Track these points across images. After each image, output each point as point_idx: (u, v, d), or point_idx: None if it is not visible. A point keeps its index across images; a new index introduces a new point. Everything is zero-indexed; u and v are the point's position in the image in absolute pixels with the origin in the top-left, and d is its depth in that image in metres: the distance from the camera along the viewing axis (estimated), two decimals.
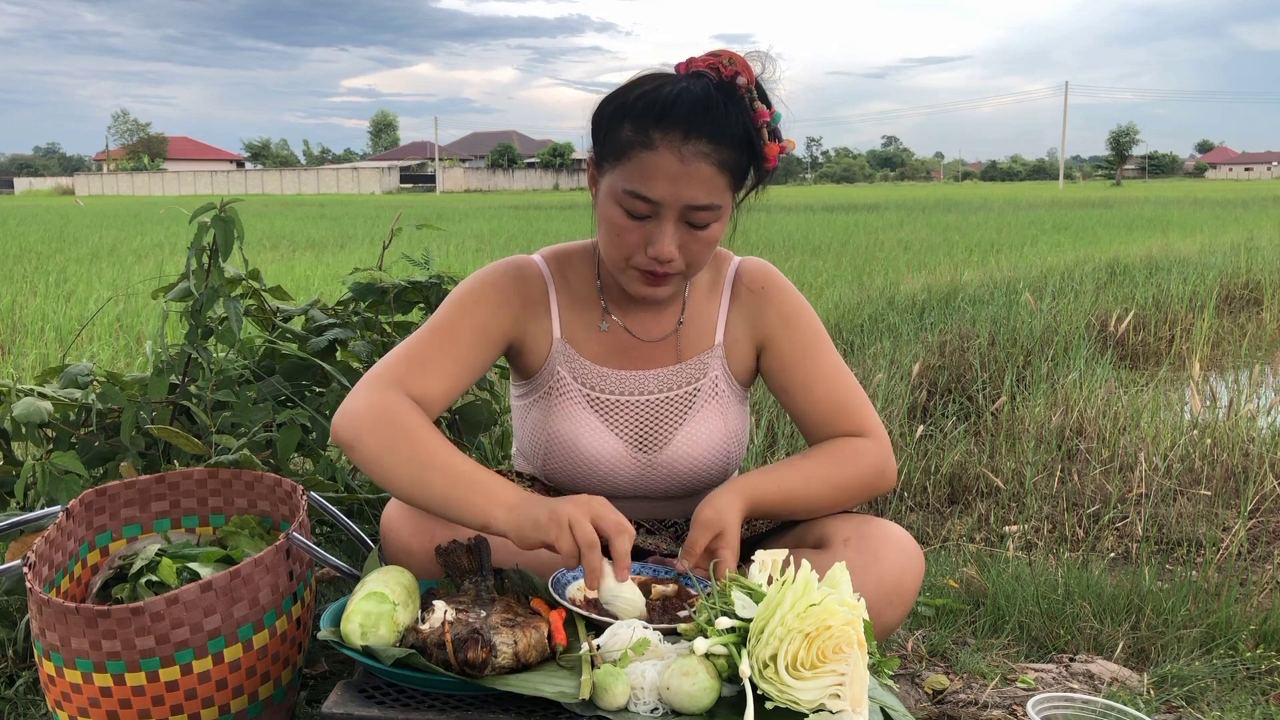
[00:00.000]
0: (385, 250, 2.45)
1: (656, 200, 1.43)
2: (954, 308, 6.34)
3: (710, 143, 1.42)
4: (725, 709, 1.15)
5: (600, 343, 1.62)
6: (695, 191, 1.43)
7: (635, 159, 1.44)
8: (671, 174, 1.42)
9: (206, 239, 1.96)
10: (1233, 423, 3.44)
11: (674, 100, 1.42)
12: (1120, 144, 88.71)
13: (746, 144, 1.45)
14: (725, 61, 1.45)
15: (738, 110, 1.44)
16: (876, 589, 1.44)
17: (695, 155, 1.42)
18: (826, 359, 1.62)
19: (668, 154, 1.42)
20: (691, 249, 1.48)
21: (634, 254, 1.48)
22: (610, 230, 1.49)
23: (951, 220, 17.88)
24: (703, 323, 1.65)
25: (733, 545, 1.41)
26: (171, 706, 1.31)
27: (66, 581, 1.51)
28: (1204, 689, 1.84)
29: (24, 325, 5.74)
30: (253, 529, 1.63)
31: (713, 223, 1.47)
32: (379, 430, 1.40)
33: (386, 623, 1.25)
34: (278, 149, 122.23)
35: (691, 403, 1.63)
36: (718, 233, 1.50)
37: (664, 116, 1.42)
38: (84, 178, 73.01)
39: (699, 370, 1.63)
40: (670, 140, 1.41)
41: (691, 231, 1.47)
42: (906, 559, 1.49)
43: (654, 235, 1.46)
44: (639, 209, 1.45)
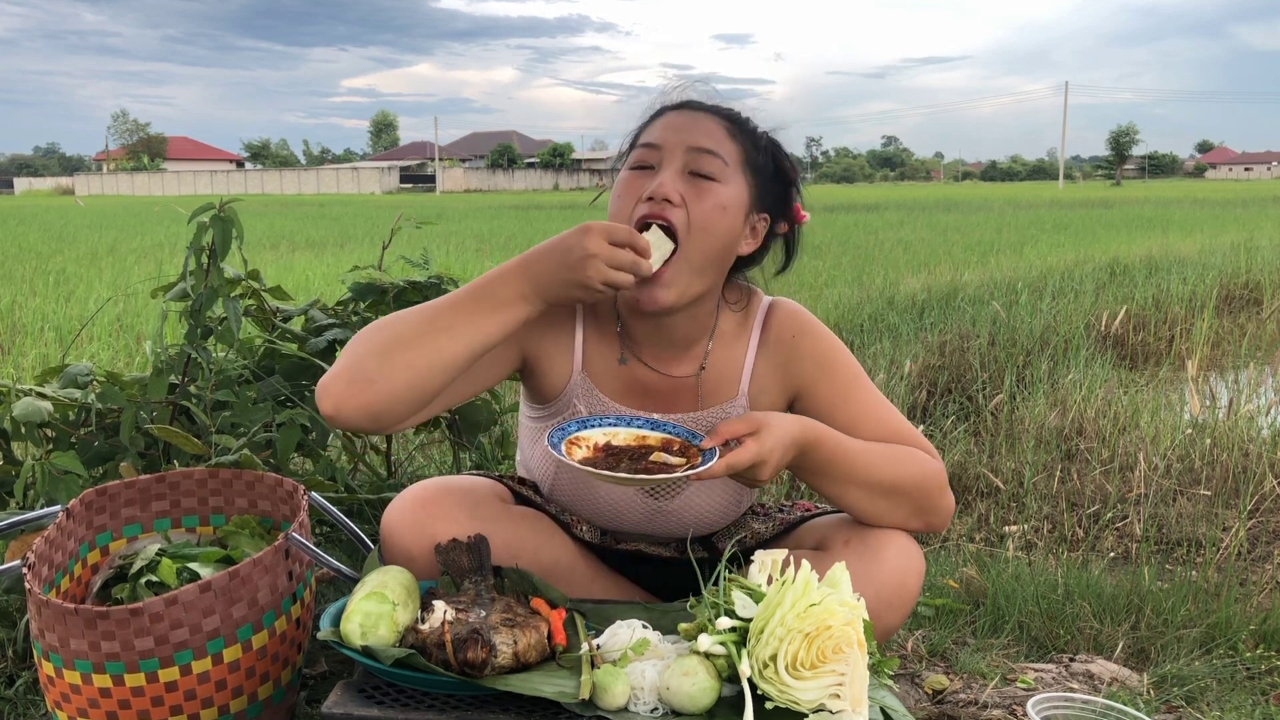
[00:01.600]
0: (385, 250, 2.44)
1: (658, 143, 1.44)
2: (954, 308, 6.34)
3: (719, 117, 1.47)
4: (725, 709, 1.15)
5: (619, 379, 1.57)
6: (698, 135, 1.43)
7: (645, 129, 1.50)
8: (676, 123, 1.46)
9: (205, 239, 1.96)
10: (1232, 423, 3.43)
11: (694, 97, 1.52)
12: (1120, 144, 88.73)
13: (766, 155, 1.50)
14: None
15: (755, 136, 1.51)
16: (877, 591, 1.42)
17: (703, 114, 1.47)
18: (869, 395, 1.55)
19: (673, 115, 1.48)
20: (693, 202, 1.40)
21: (635, 201, 1.42)
22: (617, 195, 1.46)
23: (951, 220, 17.88)
24: (727, 369, 1.57)
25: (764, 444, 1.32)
26: (171, 707, 1.31)
27: (67, 581, 1.51)
28: (1204, 689, 1.84)
29: (24, 325, 5.74)
30: (253, 529, 1.63)
31: (717, 179, 1.42)
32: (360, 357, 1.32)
33: (386, 623, 1.25)
34: (278, 149, 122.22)
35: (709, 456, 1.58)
36: (724, 197, 1.42)
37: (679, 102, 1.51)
38: (84, 178, 73.02)
39: (719, 420, 1.53)
40: (680, 109, 1.49)
41: (695, 183, 1.41)
42: (907, 561, 1.48)
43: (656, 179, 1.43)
44: (644, 158, 1.45)
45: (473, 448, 2.57)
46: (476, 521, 1.46)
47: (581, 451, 1.37)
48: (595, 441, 1.39)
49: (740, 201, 1.46)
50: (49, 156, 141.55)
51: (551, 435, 1.37)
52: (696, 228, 1.41)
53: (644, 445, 1.41)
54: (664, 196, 1.40)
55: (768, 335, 1.58)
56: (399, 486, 2.31)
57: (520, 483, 1.67)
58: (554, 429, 1.38)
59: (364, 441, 2.38)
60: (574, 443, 1.37)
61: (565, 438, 1.37)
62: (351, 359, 1.32)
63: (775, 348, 1.57)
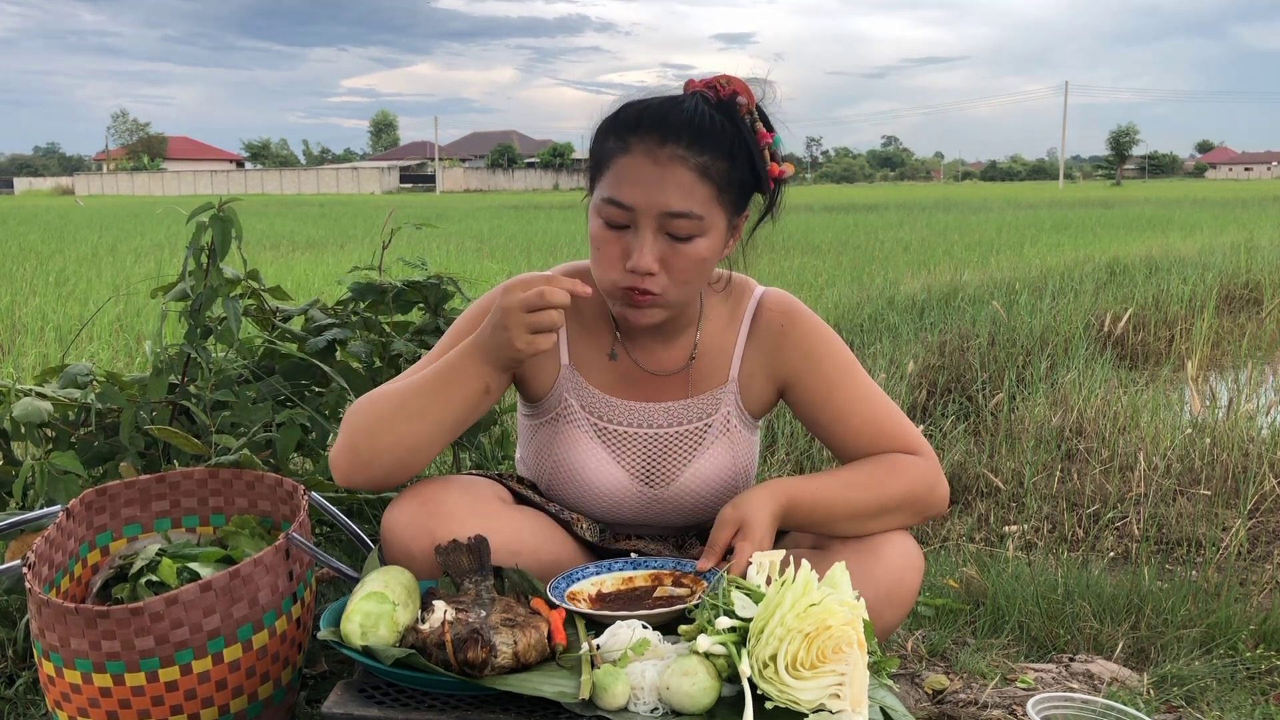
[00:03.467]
0: (385, 250, 2.44)
1: (630, 205, 1.38)
2: (954, 308, 6.34)
3: (689, 147, 1.37)
4: (725, 709, 1.15)
5: (610, 371, 1.58)
6: (670, 197, 1.37)
7: (613, 166, 1.41)
8: (645, 178, 1.37)
9: (205, 239, 1.96)
10: (1232, 422, 3.43)
11: (654, 107, 1.41)
12: (1120, 144, 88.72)
13: (741, 157, 1.41)
14: (723, 82, 1.43)
15: (732, 124, 1.41)
16: (876, 589, 1.42)
17: (672, 159, 1.37)
18: (859, 387, 1.55)
19: (642, 157, 1.38)
20: (674, 265, 1.41)
21: (614, 269, 1.42)
22: (594, 247, 1.45)
23: (951, 220, 17.88)
24: (718, 356, 1.58)
25: (755, 539, 1.37)
26: (171, 707, 1.31)
27: (67, 581, 1.51)
28: (1204, 689, 1.84)
29: (24, 325, 5.74)
30: (253, 529, 1.63)
31: (696, 236, 1.40)
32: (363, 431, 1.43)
33: (386, 623, 1.25)
34: (277, 149, 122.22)
35: (702, 439, 1.58)
36: (704, 250, 1.42)
37: (641, 122, 1.39)
38: (84, 178, 73.03)
39: (711, 406, 1.57)
40: (646, 144, 1.38)
41: (673, 245, 1.40)
42: (906, 559, 1.48)
43: (632, 247, 1.40)
44: (616, 217, 1.40)
45: (473, 448, 2.58)
46: (476, 519, 1.45)
47: (583, 604, 1.40)
48: (588, 594, 1.44)
49: (718, 236, 1.44)
50: (49, 156, 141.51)
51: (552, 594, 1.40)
52: (677, 284, 1.43)
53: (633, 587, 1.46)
54: (645, 270, 1.40)
55: (758, 324, 1.59)
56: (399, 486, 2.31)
57: (520, 482, 1.67)
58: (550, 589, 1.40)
59: None
60: (572, 598, 1.41)
61: (562, 594, 1.41)
62: (346, 439, 1.45)
63: (765, 336, 1.58)
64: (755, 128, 1.44)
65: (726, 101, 1.42)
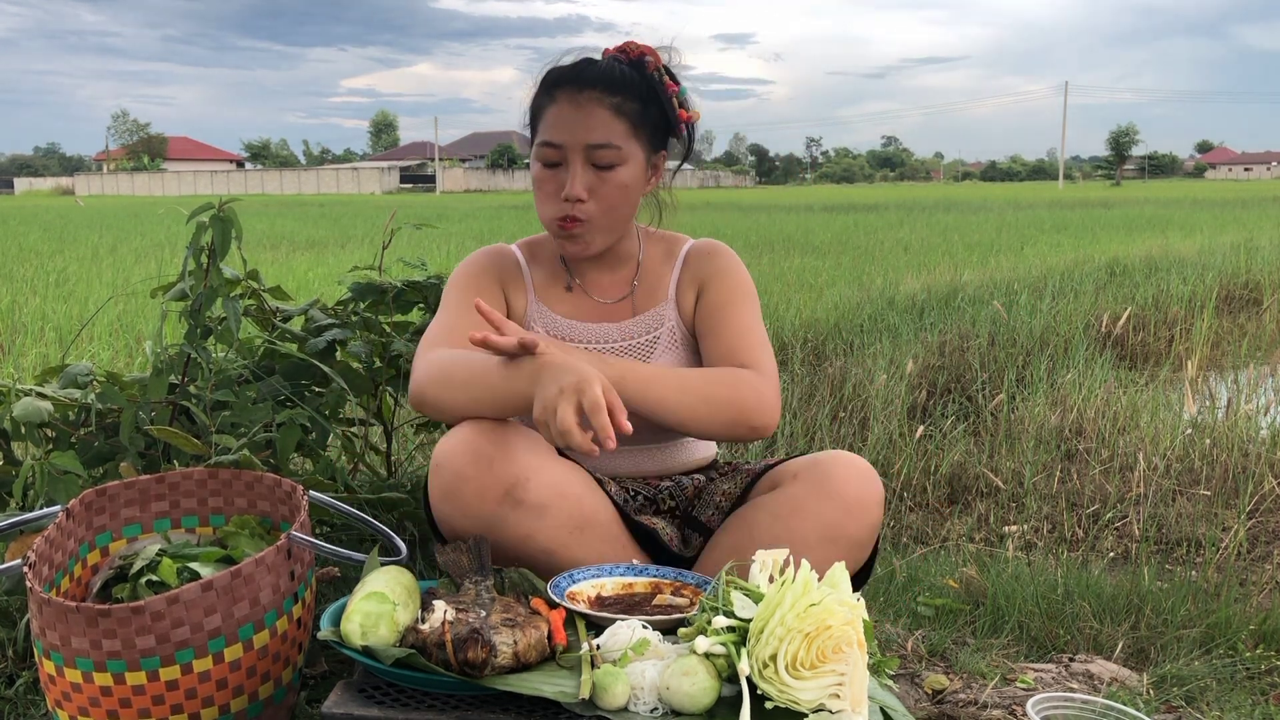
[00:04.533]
0: (385, 250, 2.44)
1: (559, 143, 1.64)
2: (953, 308, 6.34)
3: (604, 90, 1.64)
4: (725, 709, 1.15)
5: (568, 302, 1.81)
6: (592, 131, 1.63)
7: (543, 116, 1.67)
8: (569, 119, 1.64)
9: (205, 239, 1.96)
10: (1232, 423, 3.44)
11: (571, 64, 1.68)
12: (1120, 144, 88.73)
13: (649, 97, 1.67)
14: (632, 47, 1.71)
15: (641, 75, 1.68)
16: (835, 505, 1.51)
17: (590, 100, 1.63)
18: (744, 316, 1.75)
19: (565, 103, 1.65)
20: (600, 192, 1.65)
21: (551, 204, 1.67)
22: (536, 188, 1.70)
23: (951, 220, 17.88)
24: (656, 283, 1.82)
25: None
26: (172, 706, 1.31)
27: (67, 581, 1.51)
28: (1203, 689, 1.84)
29: (24, 325, 5.74)
30: (253, 529, 1.63)
31: (617, 165, 1.65)
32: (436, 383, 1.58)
33: (386, 622, 1.25)
34: (277, 149, 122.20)
35: (653, 348, 1.78)
36: (625, 177, 1.66)
37: (561, 76, 1.67)
38: (84, 178, 73.02)
39: (656, 321, 1.79)
40: (567, 92, 1.65)
41: (599, 174, 1.65)
42: (860, 476, 1.55)
43: (564, 180, 1.65)
44: (550, 156, 1.66)
45: None
46: (531, 455, 1.50)
47: (581, 604, 1.42)
48: (587, 595, 1.47)
49: (638, 167, 1.69)
50: (49, 156, 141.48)
51: (553, 593, 1.42)
52: (605, 210, 1.67)
53: (632, 592, 1.49)
54: (576, 197, 1.64)
55: (690, 256, 1.83)
56: (399, 486, 2.31)
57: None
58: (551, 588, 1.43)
59: (364, 441, 2.38)
60: (571, 598, 1.43)
61: (562, 594, 1.43)
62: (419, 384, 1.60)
63: (694, 262, 1.82)
64: (663, 80, 1.70)
65: (636, 60, 1.69)
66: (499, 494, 1.47)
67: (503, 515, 1.47)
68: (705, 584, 1.45)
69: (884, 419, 3.70)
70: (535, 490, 1.48)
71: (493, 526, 1.48)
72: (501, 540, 1.49)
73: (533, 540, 1.50)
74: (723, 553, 1.59)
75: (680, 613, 1.37)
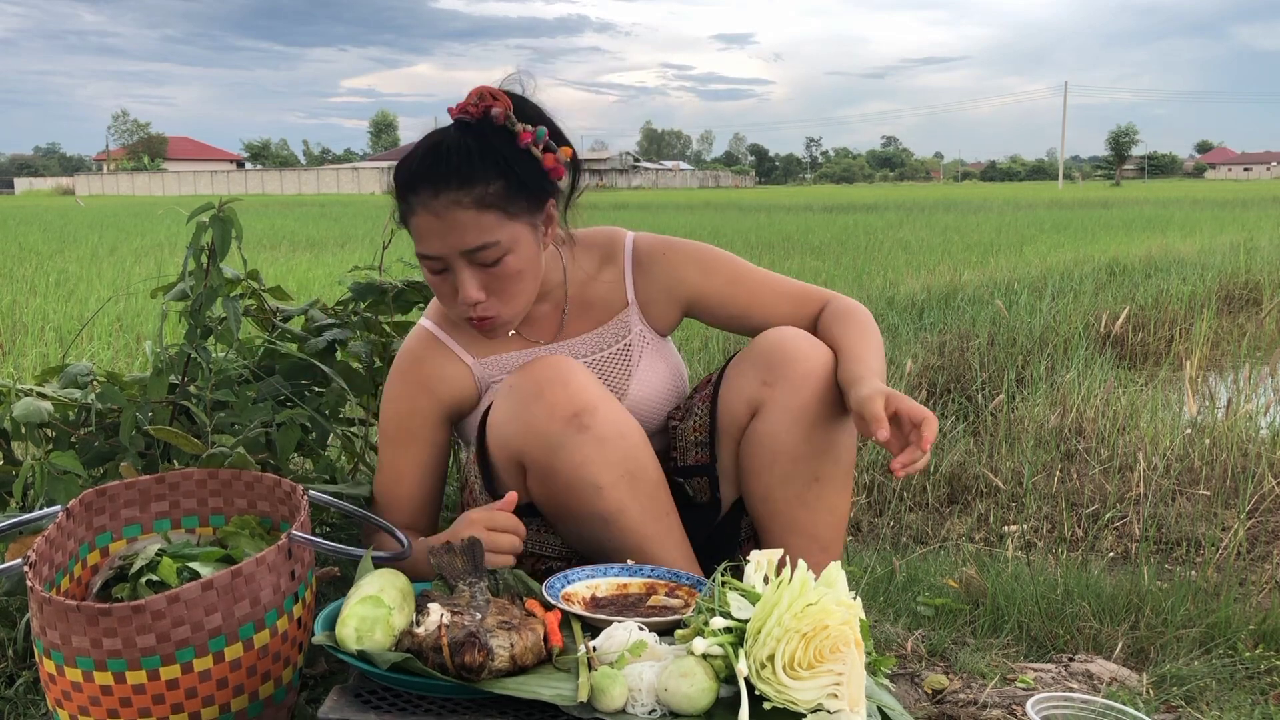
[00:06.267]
0: (385, 250, 2.44)
1: (435, 255, 1.55)
2: (953, 308, 6.34)
3: (459, 189, 1.51)
4: (723, 710, 1.15)
5: (511, 343, 1.75)
6: (462, 237, 1.52)
7: (411, 226, 1.58)
8: (435, 230, 1.53)
9: (205, 239, 1.96)
10: (1231, 422, 3.44)
11: (417, 162, 1.54)
12: (1120, 144, 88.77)
13: (510, 171, 1.53)
14: (475, 101, 1.55)
15: (488, 147, 1.53)
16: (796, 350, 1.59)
17: (448, 206, 1.51)
18: (756, 273, 1.75)
19: (425, 214, 1.53)
20: (496, 287, 1.57)
21: (452, 306, 1.61)
22: (432, 289, 1.63)
23: (951, 220, 17.87)
24: (609, 291, 1.76)
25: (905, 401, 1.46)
26: (172, 705, 1.31)
27: (67, 581, 1.51)
28: (1203, 689, 1.84)
29: (24, 325, 5.74)
30: (253, 529, 1.63)
31: (503, 256, 1.55)
32: None
33: (382, 627, 1.25)
34: (277, 149, 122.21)
35: (629, 354, 1.75)
36: (517, 264, 1.57)
37: (412, 181, 1.54)
38: (84, 178, 73.02)
39: (622, 328, 1.76)
40: (423, 200, 1.53)
41: (489, 271, 1.56)
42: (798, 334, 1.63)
43: (455, 285, 1.57)
44: (432, 266, 1.58)
45: None
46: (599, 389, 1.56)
47: (577, 606, 1.43)
48: (582, 596, 1.47)
49: (527, 242, 1.58)
50: (49, 156, 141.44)
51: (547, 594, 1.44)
52: (508, 299, 1.60)
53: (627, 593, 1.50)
54: (472, 301, 1.56)
55: (639, 256, 1.77)
56: None
57: None
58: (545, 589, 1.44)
59: (364, 441, 2.38)
60: (566, 600, 1.43)
61: (557, 595, 1.43)
62: None
63: (650, 266, 1.76)
64: (516, 132, 1.55)
65: (483, 120, 1.54)
66: (568, 414, 1.50)
67: (567, 437, 1.50)
68: (700, 585, 1.46)
69: None
70: (601, 420, 1.52)
71: (554, 447, 1.51)
72: (556, 465, 1.52)
73: (586, 468, 1.52)
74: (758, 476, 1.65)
75: (676, 614, 1.37)
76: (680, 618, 1.31)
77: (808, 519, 1.64)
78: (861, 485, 3.22)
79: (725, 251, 1.78)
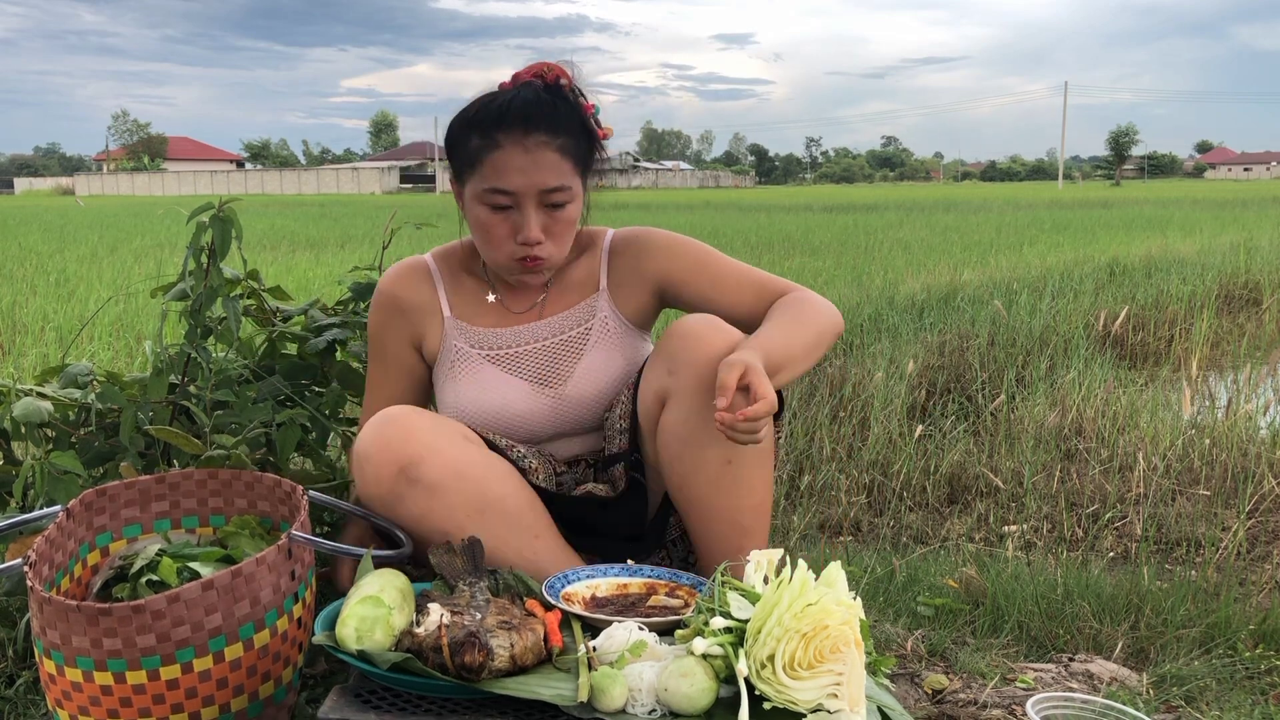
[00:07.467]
0: (385, 250, 2.44)
1: (513, 190, 1.63)
2: (953, 308, 6.34)
3: (548, 132, 1.63)
4: (723, 710, 1.15)
5: (491, 311, 1.82)
6: (545, 176, 1.63)
7: (488, 161, 1.64)
8: (521, 165, 1.62)
9: (205, 239, 1.96)
10: (1231, 422, 3.44)
11: (509, 104, 1.64)
12: (1120, 144, 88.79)
13: (583, 131, 1.68)
14: (546, 69, 1.70)
15: (567, 105, 1.68)
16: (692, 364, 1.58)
17: (538, 145, 1.63)
18: (723, 262, 1.79)
19: (514, 149, 1.62)
20: (554, 230, 1.68)
21: (505, 246, 1.68)
22: (481, 230, 1.70)
23: (951, 220, 17.87)
24: (581, 276, 1.83)
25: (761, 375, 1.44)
26: (172, 705, 1.31)
27: (67, 581, 1.52)
28: (1203, 689, 1.84)
29: (24, 325, 5.74)
30: (253, 529, 1.63)
31: (567, 203, 1.67)
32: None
33: (382, 627, 1.25)
34: (277, 149, 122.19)
35: (585, 340, 1.79)
36: (574, 213, 1.70)
37: (503, 118, 1.63)
38: (84, 178, 73.01)
39: (587, 312, 1.81)
40: (513, 136, 1.62)
41: (551, 214, 1.66)
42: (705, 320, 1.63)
43: (520, 224, 1.65)
44: (500, 202, 1.65)
45: None
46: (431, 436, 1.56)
47: (577, 606, 1.43)
48: (582, 596, 1.48)
49: (580, 199, 1.71)
50: (49, 156, 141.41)
51: (548, 594, 1.44)
52: (559, 246, 1.70)
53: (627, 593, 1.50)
54: (536, 241, 1.66)
55: (615, 246, 1.84)
56: None
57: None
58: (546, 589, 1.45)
59: None
60: (566, 599, 1.44)
61: (557, 595, 1.44)
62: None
63: (624, 251, 1.82)
64: (580, 101, 1.71)
65: (555, 86, 1.69)
66: (393, 472, 1.54)
67: (399, 493, 1.55)
68: (700, 585, 1.46)
69: (884, 419, 3.70)
70: (430, 470, 1.54)
71: (391, 505, 1.56)
72: (400, 519, 1.57)
73: (428, 519, 1.56)
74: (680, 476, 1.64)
75: (676, 614, 1.37)
76: (680, 618, 1.31)
77: (725, 504, 1.63)
78: (861, 485, 3.22)
79: (698, 241, 1.83)
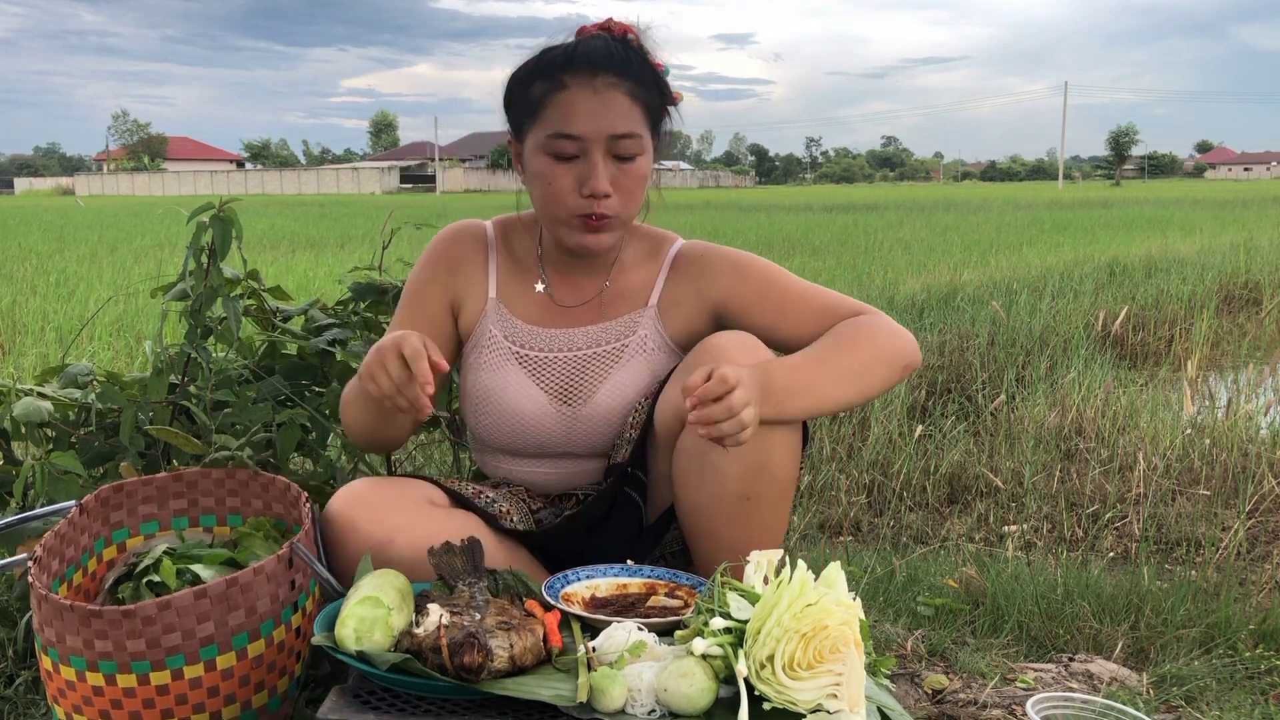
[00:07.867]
0: (385, 250, 2.44)
1: (580, 135, 1.51)
2: (953, 308, 6.34)
3: (619, 75, 1.51)
4: (722, 710, 1.15)
5: (535, 303, 1.69)
6: (615, 120, 1.51)
7: (552, 104, 1.52)
8: (589, 108, 1.50)
9: (205, 239, 1.96)
10: (1231, 422, 3.44)
11: (575, 48, 1.54)
12: (1120, 144, 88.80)
13: (653, 81, 1.56)
14: (613, 23, 1.58)
15: (638, 55, 1.56)
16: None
17: (607, 86, 1.51)
18: (791, 282, 1.64)
19: (581, 90, 1.51)
20: (623, 184, 1.54)
21: (569, 199, 1.53)
22: (543, 184, 1.56)
23: (951, 220, 17.87)
24: (636, 285, 1.69)
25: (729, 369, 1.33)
26: (162, 711, 1.30)
27: (79, 576, 1.51)
28: (1203, 689, 1.84)
29: (24, 325, 5.74)
30: (267, 531, 1.62)
31: (638, 154, 1.54)
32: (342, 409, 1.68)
33: (381, 628, 1.24)
34: (277, 149, 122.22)
35: (619, 358, 1.65)
36: (645, 167, 1.56)
37: (570, 60, 1.52)
38: (84, 178, 73.03)
39: (628, 328, 1.67)
40: (581, 77, 1.51)
41: (620, 165, 1.53)
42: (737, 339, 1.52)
43: (586, 174, 1.52)
44: (566, 149, 1.52)
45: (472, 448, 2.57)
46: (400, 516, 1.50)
47: (576, 606, 1.42)
48: (582, 596, 1.46)
49: (650, 155, 1.58)
50: (49, 156, 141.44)
51: (547, 594, 1.41)
52: (627, 203, 1.56)
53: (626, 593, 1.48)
54: (603, 193, 1.52)
55: (679, 261, 1.69)
56: None
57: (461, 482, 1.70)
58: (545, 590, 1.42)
59: None
60: (566, 600, 1.42)
61: (557, 595, 1.42)
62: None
63: (687, 269, 1.68)
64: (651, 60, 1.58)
65: (622, 39, 1.57)
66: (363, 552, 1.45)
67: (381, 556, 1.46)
68: (700, 585, 1.45)
69: (883, 419, 3.70)
70: (399, 549, 1.46)
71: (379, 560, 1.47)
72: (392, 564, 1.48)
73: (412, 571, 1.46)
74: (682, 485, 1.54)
75: (676, 614, 1.37)
76: (680, 618, 1.31)
77: (737, 537, 1.51)
78: (861, 485, 3.22)
79: (766, 261, 1.67)
